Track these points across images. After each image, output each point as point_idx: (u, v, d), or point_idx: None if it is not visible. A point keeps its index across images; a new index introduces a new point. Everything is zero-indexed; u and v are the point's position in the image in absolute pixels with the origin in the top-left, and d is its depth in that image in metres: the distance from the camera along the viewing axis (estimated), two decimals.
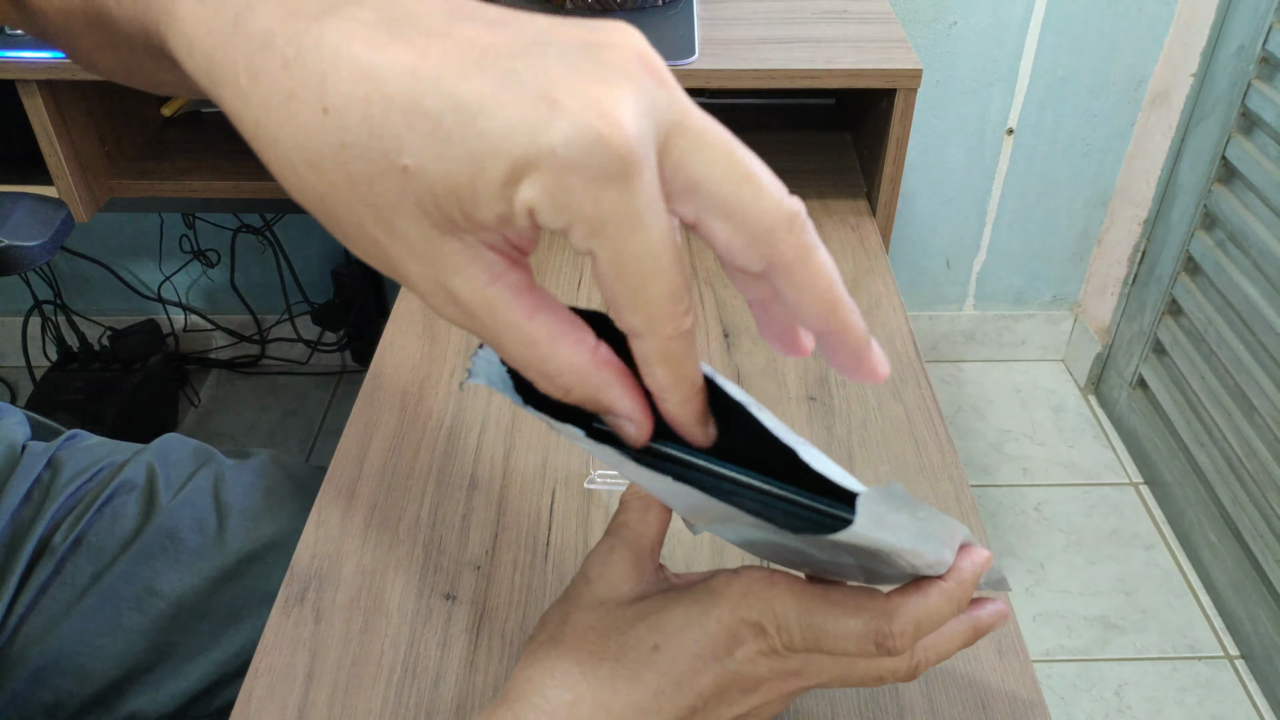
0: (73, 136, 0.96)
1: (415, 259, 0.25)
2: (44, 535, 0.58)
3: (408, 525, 0.56)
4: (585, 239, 0.24)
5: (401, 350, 0.69)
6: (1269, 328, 1.24)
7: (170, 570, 0.59)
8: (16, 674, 0.56)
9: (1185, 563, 1.42)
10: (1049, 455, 1.59)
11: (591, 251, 0.24)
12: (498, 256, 0.25)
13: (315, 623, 0.50)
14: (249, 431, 1.65)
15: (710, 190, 0.25)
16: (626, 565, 0.38)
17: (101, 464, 0.63)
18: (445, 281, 0.25)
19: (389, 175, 0.23)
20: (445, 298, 0.25)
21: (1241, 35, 1.30)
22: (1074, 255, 1.67)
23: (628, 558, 0.38)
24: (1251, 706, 1.23)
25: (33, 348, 1.70)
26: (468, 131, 0.22)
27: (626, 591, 0.37)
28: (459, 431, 0.62)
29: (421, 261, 0.25)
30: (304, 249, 1.65)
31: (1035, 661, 1.28)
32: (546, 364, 0.26)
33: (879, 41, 0.89)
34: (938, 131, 1.51)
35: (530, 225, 0.24)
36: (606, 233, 0.23)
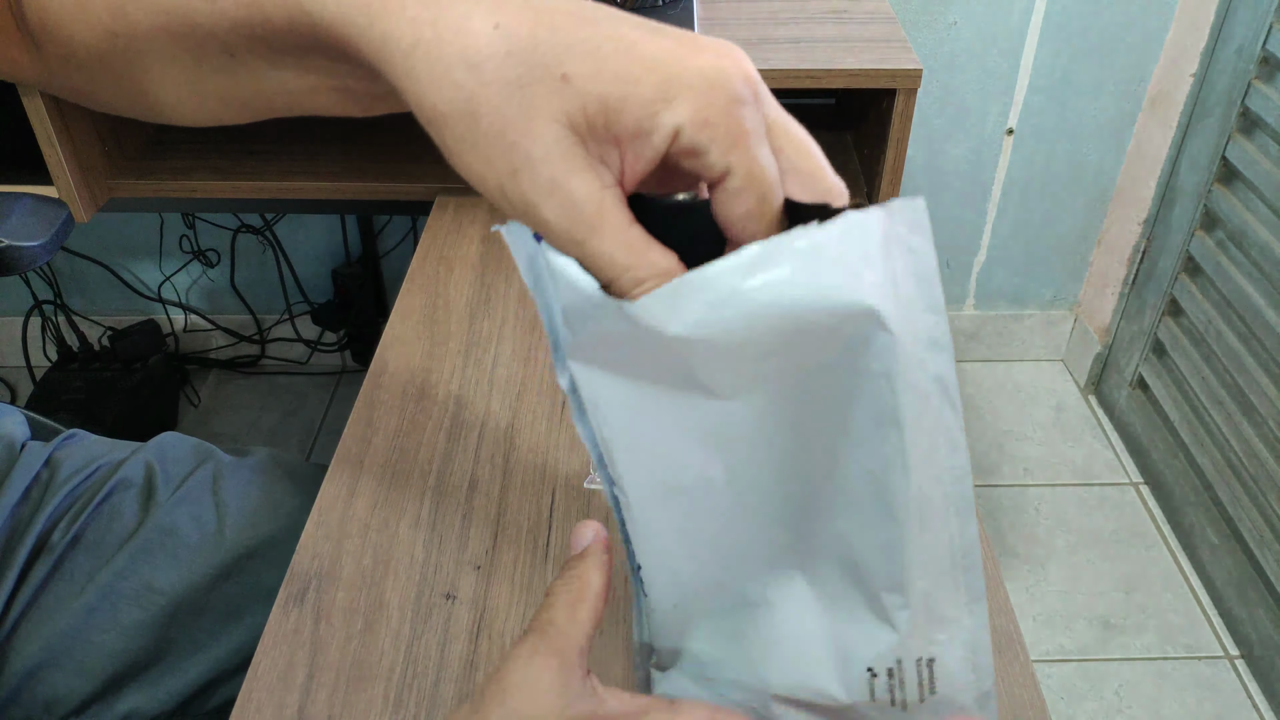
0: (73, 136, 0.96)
1: (543, 159, 0.28)
2: (42, 532, 0.59)
3: (408, 525, 0.56)
4: (723, 154, 0.27)
5: (401, 350, 0.69)
6: (1269, 328, 1.24)
7: (169, 567, 0.59)
8: (15, 670, 0.56)
9: (1185, 563, 1.42)
10: (1049, 455, 1.59)
11: (729, 168, 0.27)
12: (610, 171, 0.29)
13: (315, 623, 0.50)
14: (249, 431, 1.65)
15: None
16: (552, 675, 0.32)
17: (99, 462, 0.63)
18: (566, 182, 0.28)
19: (546, 81, 0.27)
20: (562, 196, 0.28)
21: (1241, 35, 1.30)
22: (1074, 255, 1.67)
23: (553, 666, 0.32)
24: (1251, 706, 1.23)
25: (33, 348, 1.70)
26: (625, 56, 0.27)
27: (548, 707, 0.32)
28: (459, 431, 0.62)
29: (548, 162, 0.28)
30: (304, 249, 1.65)
31: (1035, 661, 1.28)
32: (638, 267, 0.28)
33: (879, 41, 0.89)
34: (938, 131, 1.51)
35: (663, 145, 0.28)
36: (743, 145, 0.27)
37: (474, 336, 0.71)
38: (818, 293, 0.26)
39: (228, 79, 0.38)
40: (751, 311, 0.27)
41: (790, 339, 0.27)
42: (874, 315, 0.26)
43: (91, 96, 0.43)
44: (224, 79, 0.38)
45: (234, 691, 0.60)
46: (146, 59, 0.39)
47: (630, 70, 0.27)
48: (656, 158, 0.28)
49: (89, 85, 0.42)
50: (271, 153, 1.05)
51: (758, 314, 0.27)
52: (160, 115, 0.42)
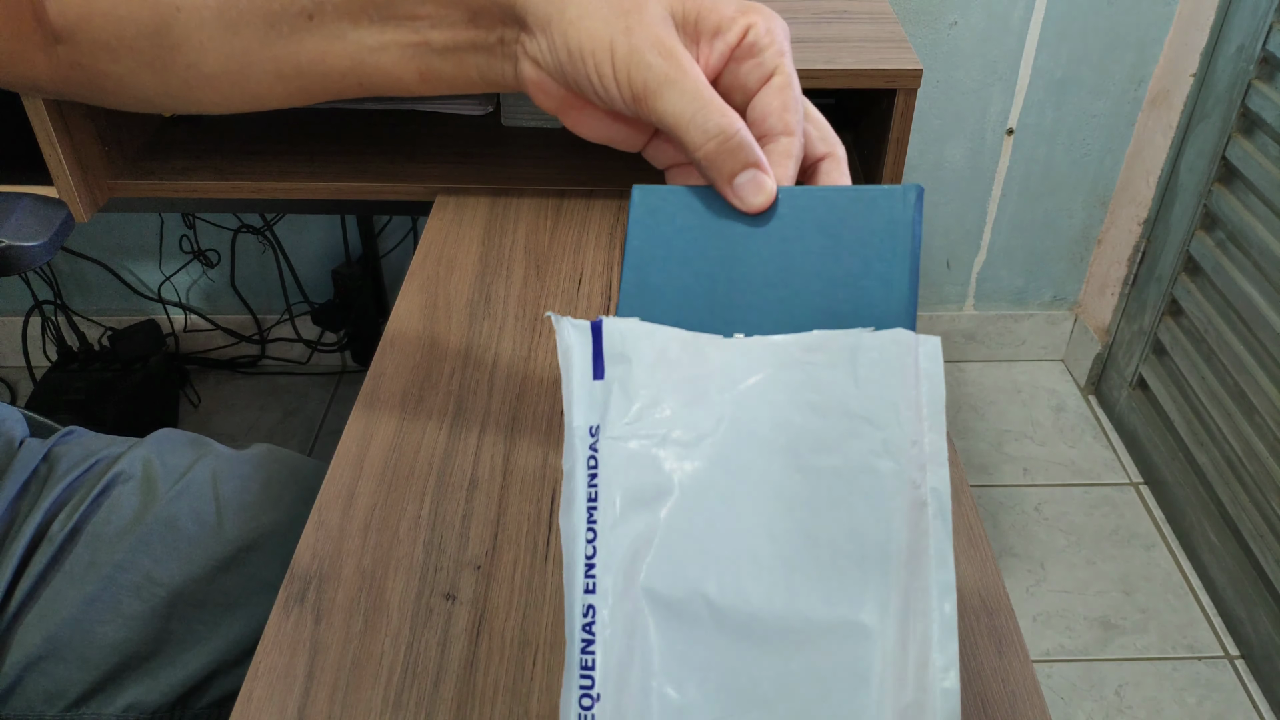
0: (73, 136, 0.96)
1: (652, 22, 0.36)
2: (41, 524, 0.59)
3: (408, 525, 0.56)
4: (775, 57, 0.37)
5: (401, 350, 0.69)
6: (1269, 328, 1.24)
7: (169, 559, 0.59)
8: (15, 661, 0.56)
9: (1185, 563, 1.42)
10: (1049, 455, 1.59)
11: (777, 67, 0.37)
12: None
13: (315, 623, 0.50)
14: (249, 431, 1.65)
15: None
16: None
17: (97, 456, 0.63)
18: (668, 39, 0.36)
19: None
20: (664, 49, 0.36)
21: (1241, 35, 1.30)
22: (1074, 255, 1.67)
23: None
24: (1251, 706, 1.23)
25: (33, 348, 1.70)
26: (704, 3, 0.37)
27: None
28: (459, 431, 0.62)
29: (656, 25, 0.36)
30: (304, 249, 1.65)
31: (1035, 661, 1.28)
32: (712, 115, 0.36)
33: (879, 41, 0.89)
34: (938, 131, 1.51)
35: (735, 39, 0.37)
36: (786, 56, 0.37)
37: (474, 336, 0.71)
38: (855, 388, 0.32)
39: (293, 45, 0.42)
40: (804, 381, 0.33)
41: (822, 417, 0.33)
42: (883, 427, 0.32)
43: (114, 88, 0.45)
44: (288, 46, 0.42)
45: (233, 684, 0.60)
46: (204, 31, 0.42)
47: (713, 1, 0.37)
48: (728, 51, 0.37)
49: (121, 71, 0.43)
50: (271, 153, 1.05)
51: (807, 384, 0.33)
52: (192, 97, 0.45)
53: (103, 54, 0.44)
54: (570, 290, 0.75)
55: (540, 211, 0.85)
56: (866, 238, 0.36)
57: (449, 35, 0.41)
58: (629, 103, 0.37)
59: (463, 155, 1.03)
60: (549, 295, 0.75)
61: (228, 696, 0.60)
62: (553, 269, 0.78)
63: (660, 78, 0.36)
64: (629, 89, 0.36)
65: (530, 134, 1.08)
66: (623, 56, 0.36)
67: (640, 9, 0.36)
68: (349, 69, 0.42)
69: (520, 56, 0.40)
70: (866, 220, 0.36)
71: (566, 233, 0.82)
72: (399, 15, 0.41)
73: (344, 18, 0.41)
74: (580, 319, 0.36)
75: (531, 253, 0.80)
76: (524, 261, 0.79)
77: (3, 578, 0.57)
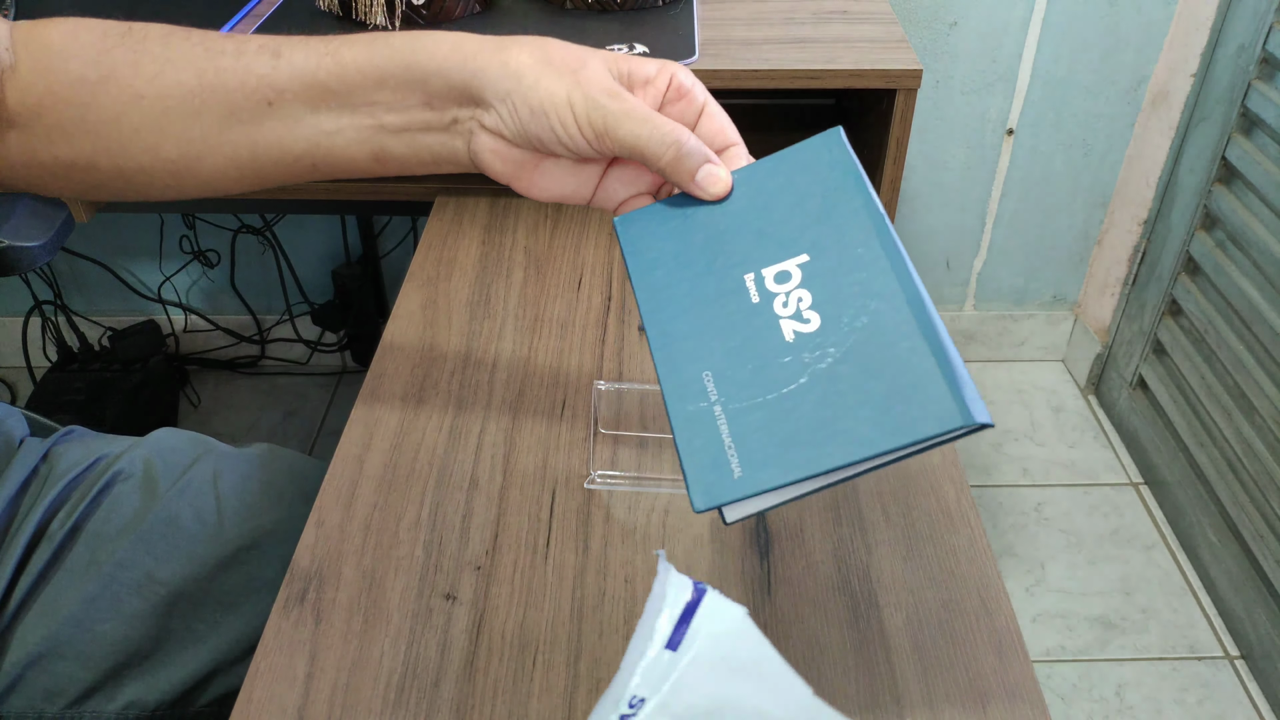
0: None
1: (598, 72, 0.43)
2: (41, 522, 0.59)
3: (408, 525, 0.56)
4: (702, 94, 0.45)
5: (401, 350, 0.69)
6: (1269, 328, 1.24)
7: (170, 557, 0.59)
8: (16, 659, 0.56)
9: (1185, 563, 1.42)
10: (1049, 455, 1.59)
11: (707, 100, 0.46)
12: None
13: (315, 623, 0.50)
14: (249, 432, 1.65)
15: None
16: None
17: (97, 455, 0.64)
18: (616, 89, 0.43)
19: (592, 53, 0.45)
20: (611, 90, 0.43)
21: (1241, 35, 1.30)
22: (1074, 255, 1.67)
23: None
24: (1251, 706, 1.23)
25: (33, 348, 1.70)
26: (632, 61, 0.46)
27: None
28: (459, 431, 0.62)
29: (601, 74, 0.43)
30: (304, 249, 1.65)
31: (1035, 661, 1.28)
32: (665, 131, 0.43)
33: (879, 41, 0.89)
34: (938, 131, 1.51)
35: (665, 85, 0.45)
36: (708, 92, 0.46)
37: (474, 336, 0.71)
38: None
39: (251, 131, 0.45)
40: None
41: None
42: None
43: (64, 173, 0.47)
44: (247, 131, 0.45)
45: (233, 683, 0.60)
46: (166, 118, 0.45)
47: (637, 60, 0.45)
48: (660, 96, 0.45)
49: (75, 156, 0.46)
50: None
51: None
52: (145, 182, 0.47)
53: (60, 140, 0.45)
54: (570, 291, 0.75)
55: (540, 211, 0.85)
56: (818, 175, 0.43)
57: (403, 118, 0.45)
58: (593, 142, 0.43)
59: None
60: (549, 295, 0.75)
61: (228, 695, 0.60)
62: (553, 269, 0.78)
63: (616, 114, 0.42)
64: (590, 130, 0.42)
65: None
66: (580, 105, 0.42)
67: (584, 67, 0.43)
68: (304, 152, 0.46)
69: (475, 132, 0.45)
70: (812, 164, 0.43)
71: (566, 233, 0.82)
72: (356, 102, 0.44)
73: (303, 104, 0.44)
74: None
75: (531, 253, 0.80)
76: (524, 261, 0.79)
77: (2, 576, 0.57)
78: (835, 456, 0.35)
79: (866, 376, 0.36)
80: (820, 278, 0.40)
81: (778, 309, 0.39)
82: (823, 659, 0.49)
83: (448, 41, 0.44)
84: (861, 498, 0.57)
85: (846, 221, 0.41)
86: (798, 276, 0.40)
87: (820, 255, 0.40)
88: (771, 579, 0.53)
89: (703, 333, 0.40)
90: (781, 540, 0.55)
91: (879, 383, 0.36)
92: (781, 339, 0.38)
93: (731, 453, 0.37)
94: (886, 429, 0.35)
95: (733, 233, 0.42)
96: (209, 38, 0.46)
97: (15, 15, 0.93)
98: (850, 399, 0.36)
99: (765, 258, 0.41)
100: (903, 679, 0.48)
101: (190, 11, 0.94)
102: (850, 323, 0.38)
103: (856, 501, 0.57)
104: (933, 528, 0.56)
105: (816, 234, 0.41)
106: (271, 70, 0.44)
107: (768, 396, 0.37)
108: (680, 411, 0.39)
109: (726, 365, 0.39)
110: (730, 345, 0.39)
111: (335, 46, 0.45)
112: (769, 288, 0.40)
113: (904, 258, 0.39)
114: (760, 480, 0.36)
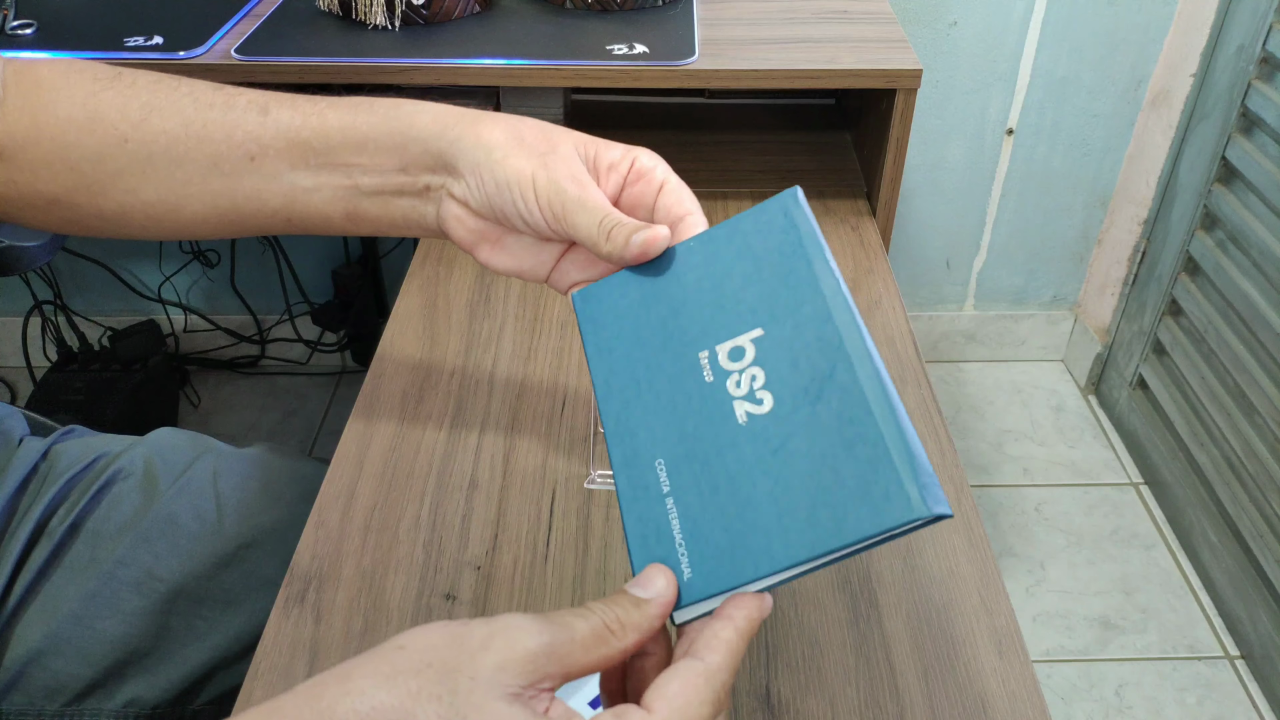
0: None
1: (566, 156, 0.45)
2: (41, 519, 0.59)
3: (408, 525, 0.56)
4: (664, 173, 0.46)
5: (401, 350, 0.69)
6: (1269, 328, 1.24)
7: (170, 555, 0.60)
8: (17, 656, 0.56)
9: (1185, 563, 1.42)
10: (1049, 455, 1.59)
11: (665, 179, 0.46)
12: None
13: (315, 623, 0.50)
14: (249, 432, 1.65)
15: None
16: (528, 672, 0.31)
17: (97, 453, 0.64)
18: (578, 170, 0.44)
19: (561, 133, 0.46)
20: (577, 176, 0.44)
21: (1241, 35, 1.30)
22: (1074, 255, 1.67)
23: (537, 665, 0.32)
24: (1251, 706, 1.23)
25: (33, 348, 1.70)
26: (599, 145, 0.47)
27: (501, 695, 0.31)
28: (459, 431, 0.62)
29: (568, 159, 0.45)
30: (304, 249, 1.65)
31: (1035, 661, 1.28)
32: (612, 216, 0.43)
33: (879, 41, 0.89)
34: (938, 131, 1.51)
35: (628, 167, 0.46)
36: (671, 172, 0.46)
37: (474, 336, 0.71)
38: None
39: (231, 183, 0.47)
40: None
41: None
42: None
43: (45, 206, 0.48)
44: (227, 182, 0.47)
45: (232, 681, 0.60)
46: (149, 163, 0.46)
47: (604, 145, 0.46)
48: (622, 180, 0.46)
49: (57, 192, 0.47)
50: None
51: None
52: (124, 221, 0.49)
53: (43, 174, 0.47)
54: None
55: None
56: (773, 240, 0.41)
57: (379, 181, 0.46)
58: (550, 221, 0.44)
59: None
60: (549, 295, 0.75)
61: (228, 693, 0.60)
62: None
63: (574, 200, 0.43)
64: (549, 210, 0.44)
65: None
66: (544, 186, 0.43)
67: (554, 149, 0.44)
68: (280, 207, 0.47)
69: (444, 199, 0.46)
70: (768, 228, 0.42)
71: None
72: (335, 162, 0.46)
73: (283, 161, 0.46)
74: None
75: None
76: None
77: (2, 573, 0.57)
78: (785, 556, 0.34)
79: (820, 467, 0.34)
80: (774, 354, 0.38)
81: (730, 389, 0.38)
82: (823, 659, 0.49)
83: (429, 111, 0.46)
84: None
85: (802, 290, 0.39)
86: (751, 353, 0.38)
87: (774, 328, 0.38)
88: None
89: (656, 418, 0.39)
90: None
91: (832, 474, 0.34)
92: (735, 423, 0.37)
93: (682, 552, 0.36)
94: (840, 525, 0.33)
95: (689, 305, 0.41)
96: (198, 88, 0.47)
97: (15, 14, 0.93)
98: (803, 492, 0.34)
99: (719, 333, 0.40)
100: (903, 679, 0.48)
101: (191, 11, 0.94)
102: (803, 406, 0.36)
103: None
104: (933, 528, 0.56)
105: (771, 306, 0.39)
106: (258, 126, 0.46)
107: (719, 488, 0.36)
108: (633, 507, 0.38)
109: (680, 453, 0.38)
110: (683, 431, 0.38)
111: (321, 108, 0.47)
112: (722, 365, 0.39)
113: (860, 330, 0.37)
114: (708, 586, 0.35)
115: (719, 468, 0.37)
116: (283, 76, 0.88)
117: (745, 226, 0.42)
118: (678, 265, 0.43)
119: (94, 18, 0.94)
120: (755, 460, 0.36)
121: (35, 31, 0.92)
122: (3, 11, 0.92)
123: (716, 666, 0.33)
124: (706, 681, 0.32)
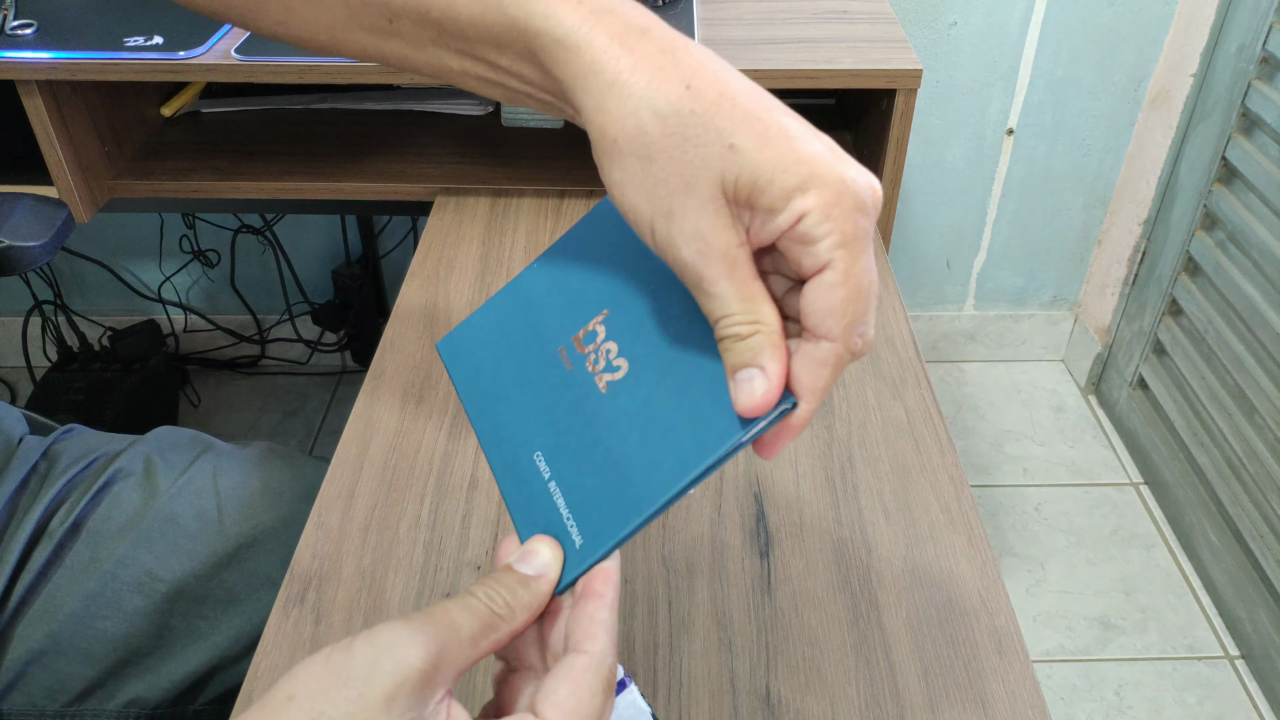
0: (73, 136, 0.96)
1: (697, 210, 0.32)
2: (41, 519, 0.59)
3: (408, 525, 0.56)
4: (831, 249, 0.31)
5: (401, 350, 0.69)
6: (1269, 328, 1.24)
7: (170, 555, 0.60)
8: (18, 656, 0.56)
9: (1185, 563, 1.42)
10: (1049, 455, 1.59)
11: (830, 261, 0.31)
12: (742, 230, 0.33)
13: (315, 623, 0.50)
14: (249, 432, 1.65)
15: None
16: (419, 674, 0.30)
17: (97, 453, 0.64)
18: (708, 232, 0.32)
19: (716, 146, 0.32)
20: (702, 244, 0.33)
21: (1241, 35, 1.30)
22: (1074, 255, 1.67)
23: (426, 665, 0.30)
24: (1251, 706, 1.23)
25: (33, 348, 1.70)
26: (783, 146, 0.31)
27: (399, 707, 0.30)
28: (459, 431, 0.62)
29: (700, 214, 0.32)
30: (304, 249, 1.65)
31: (1035, 661, 1.28)
32: (756, 311, 0.33)
33: (879, 41, 0.89)
34: (938, 131, 1.51)
35: (787, 224, 0.31)
36: (851, 246, 0.31)
37: None
38: None
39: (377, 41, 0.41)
40: None
41: None
42: None
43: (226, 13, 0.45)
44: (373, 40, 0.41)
45: (233, 680, 0.60)
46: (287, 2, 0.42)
47: (784, 159, 0.31)
48: (777, 233, 0.32)
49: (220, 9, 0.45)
50: (271, 153, 1.05)
51: None
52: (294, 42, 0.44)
53: None
54: None
55: (540, 211, 0.85)
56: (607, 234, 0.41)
57: (525, 87, 0.39)
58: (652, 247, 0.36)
59: (462, 155, 1.03)
60: None
61: (229, 692, 0.60)
62: None
63: (692, 274, 0.33)
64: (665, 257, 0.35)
65: (530, 134, 1.08)
66: (662, 239, 0.34)
67: (689, 190, 0.32)
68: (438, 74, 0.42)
69: None
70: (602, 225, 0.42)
71: None
72: (476, 55, 0.39)
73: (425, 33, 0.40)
74: None
75: (531, 253, 0.80)
76: (524, 261, 0.79)
77: (3, 573, 0.57)
78: (668, 485, 0.35)
79: (679, 397, 0.36)
80: (623, 325, 0.40)
81: (589, 368, 0.40)
82: (823, 659, 0.49)
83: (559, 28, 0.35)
84: (861, 498, 0.57)
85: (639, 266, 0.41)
86: (602, 333, 0.40)
87: (619, 305, 0.40)
88: (771, 579, 0.53)
89: (528, 418, 0.41)
90: (781, 540, 0.55)
91: (690, 398, 0.36)
92: (598, 395, 0.39)
93: (570, 524, 0.37)
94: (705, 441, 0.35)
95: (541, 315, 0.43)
96: None
97: (15, 14, 0.93)
98: (669, 425, 0.36)
99: (572, 327, 0.41)
100: (903, 679, 0.48)
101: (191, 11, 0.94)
102: (655, 353, 0.38)
103: (857, 502, 0.57)
104: (933, 528, 0.56)
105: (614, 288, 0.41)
106: None
107: (594, 454, 0.38)
108: (519, 501, 0.39)
109: (553, 439, 0.40)
110: (554, 420, 0.40)
111: None
112: (578, 351, 0.41)
113: None
114: (600, 543, 0.36)
115: (590, 437, 0.38)
116: (283, 76, 0.88)
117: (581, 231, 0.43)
118: (525, 287, 0.44)
119: (94, 18, 0.94)
120: (623, 417, 0.38)
121: (35, 31, 0.92)
122: (3, 11, 0.92)
123: (601, 653, 0.33)
124: (595, 674, 0.32)
